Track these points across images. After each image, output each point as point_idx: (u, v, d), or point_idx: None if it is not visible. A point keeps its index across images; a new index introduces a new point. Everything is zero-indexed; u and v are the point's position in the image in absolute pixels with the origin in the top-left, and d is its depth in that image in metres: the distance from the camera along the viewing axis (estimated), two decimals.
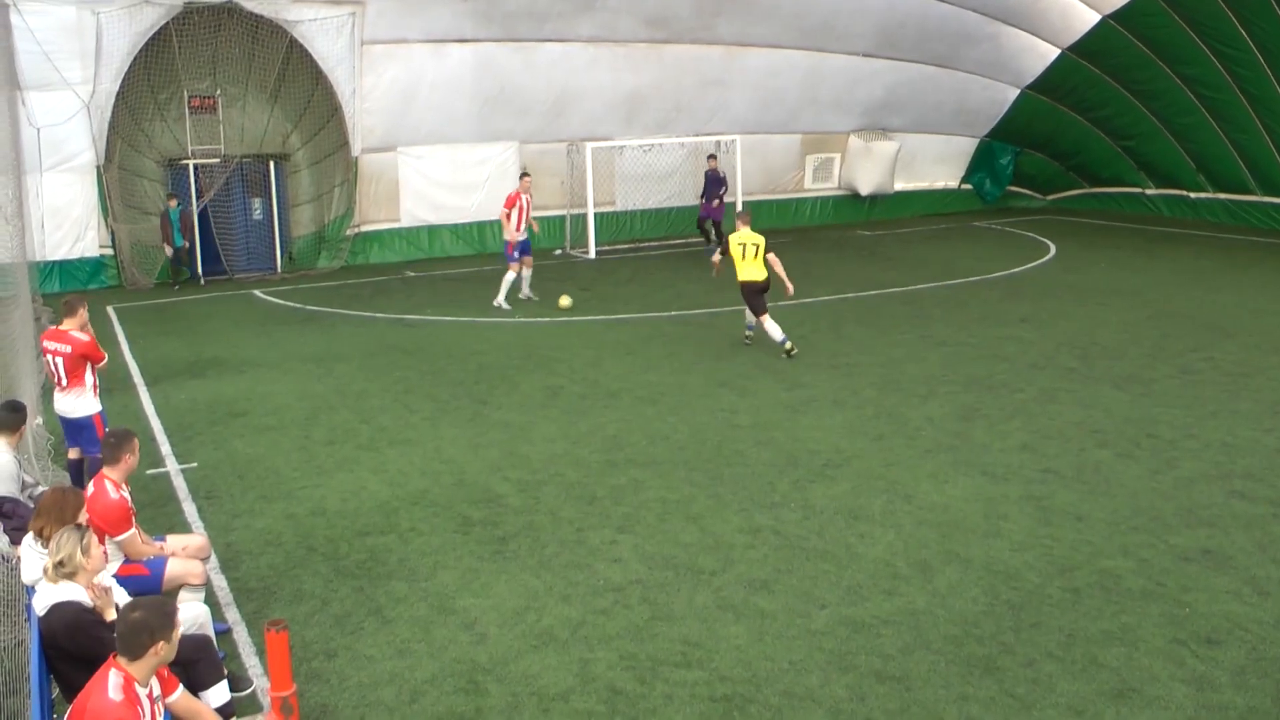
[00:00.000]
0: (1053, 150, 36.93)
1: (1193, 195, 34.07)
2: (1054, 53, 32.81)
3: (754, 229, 18.54)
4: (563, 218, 29.83)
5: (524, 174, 23.75)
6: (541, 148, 29.48)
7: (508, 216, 22.17)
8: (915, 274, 25.55)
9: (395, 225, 28.68)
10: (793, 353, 17.85)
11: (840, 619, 9.14)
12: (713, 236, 28.77)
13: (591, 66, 28.60)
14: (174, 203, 25.91)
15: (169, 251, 26.13)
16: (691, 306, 21.79)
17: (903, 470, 12.75)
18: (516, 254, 22.24)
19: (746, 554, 10.49)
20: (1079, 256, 27.89)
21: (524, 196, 22.20)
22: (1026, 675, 8.30)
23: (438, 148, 28.41)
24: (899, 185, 35.27)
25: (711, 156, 28.92)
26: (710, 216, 28.86)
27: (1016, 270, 25.96)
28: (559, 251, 29.28)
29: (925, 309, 21.80)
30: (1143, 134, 34.01)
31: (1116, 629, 9.02)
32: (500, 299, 22.16)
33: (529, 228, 22.41)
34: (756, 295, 18.08)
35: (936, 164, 36.55)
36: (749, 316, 18.60)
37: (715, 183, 28.61)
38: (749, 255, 17.96)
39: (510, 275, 22.17)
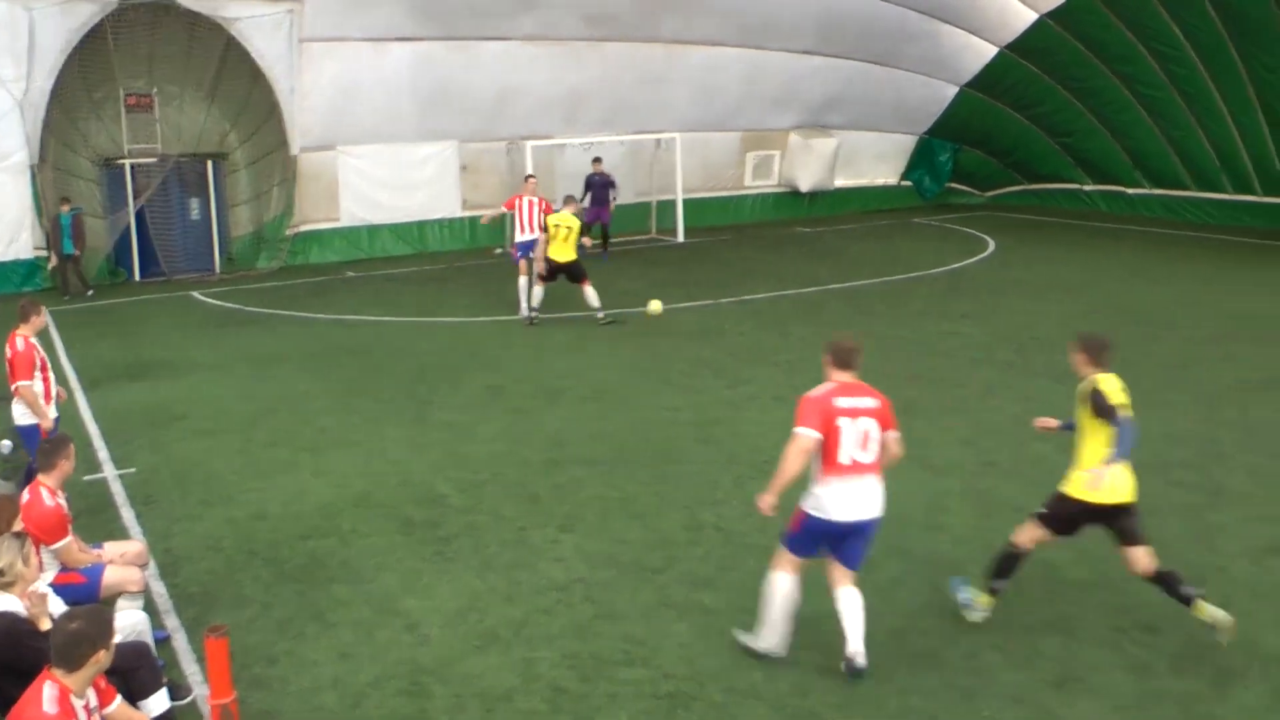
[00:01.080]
0: (991, 147, 37.25)
1: (1130, 191, 34.54)
2: (992, 51, 33.13)
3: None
4: (503, 216, 29.67)
5: (529, 176, 23.55)
6: (482, 146, 29.37)
7: (511, 218, 22.16)
8: (856, 270, 25.70)
9: (335, 225, 28.44)
10: (605, 322, 19.18)
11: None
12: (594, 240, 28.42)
13: (532, 64, 28.49)
14: (66, 207, 24.43)
15: (54, 261, 24.62)
16: (634, 304, 21.76)
17: None
18: (519, 254, 21.94)
19: (689, 551, 10.54)
20: (1018, 252, 28.18)
21: (526, 199, 21.91)
22: (968, 666, 8.42)
23: (378, 147, 28.19)
24: (839, 182, 35.44)
25: (596, 160, 28.64)
26: (599, 220, 28.42)
27: (956, 266, 26.17)
28: (498, 250, 29.14)
29: (866, 305, 21.95)
30: (1080, 131, 34.41)
31: (1057, 619, 9.18)
32: (524, 308, 21.41)
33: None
34: (564, 270, 20.25)
35: (876, 161, 36.77)
36: (534, 298, 20.26)
37: (601, 186, 28.43)
38: (561, 237, 20.04)
39: (523, 280, 21.59)
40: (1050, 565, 10.12)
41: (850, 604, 8.40)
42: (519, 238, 21.95)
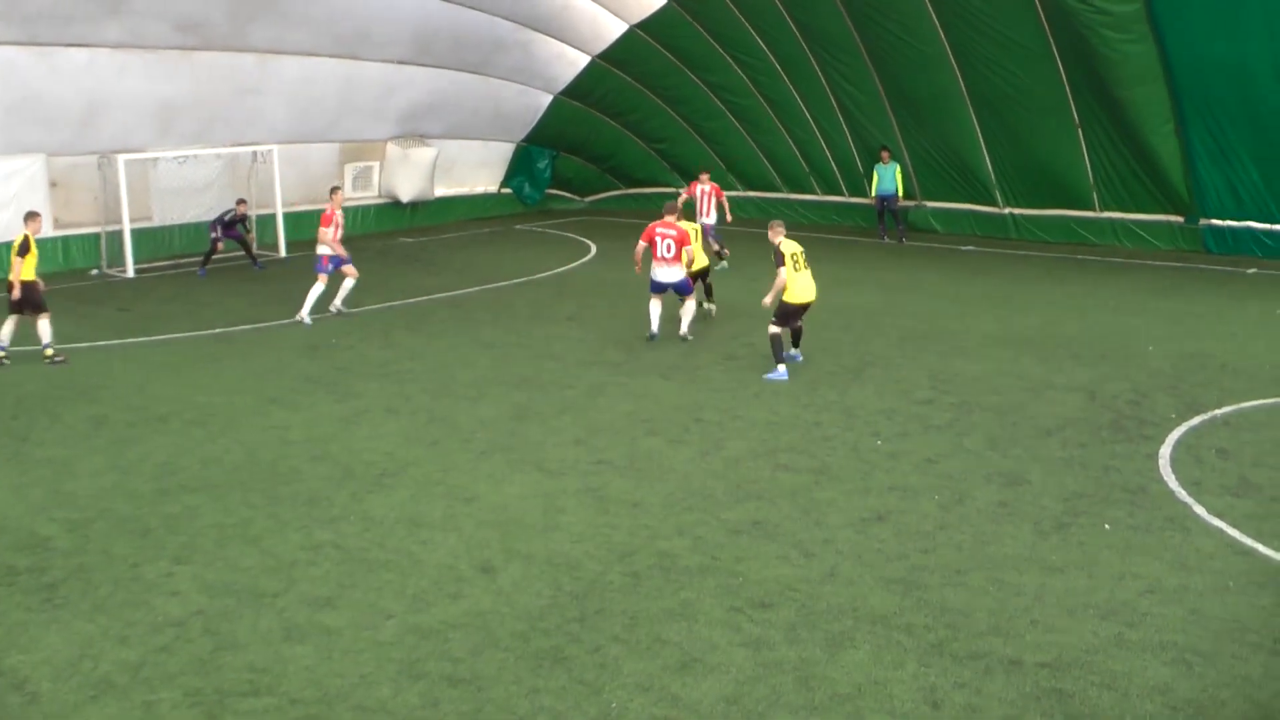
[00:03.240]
0: (589, 153, 38.28)
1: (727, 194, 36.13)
2: (584, 60, 34.10)
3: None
4: (97, 235, 28.33)
5: (335, 188, 23.20)
6: (72, 160, 27.65)
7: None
8: (461, 278, 25.98)
9: None
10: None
11: (408, 627, 9.30)
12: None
13: (122, 74, 27.10)
14: None
15: None
16: (237, 322, 21.32)
17: (460, 474, 13.06)
18: (330, 266, 21.64)
19: (309, 572, 10.47)
20: (620, 255, 29.02)
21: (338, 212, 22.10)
22: (594, 661, 8.72)
23: None
24: (440, 191, 35.57)
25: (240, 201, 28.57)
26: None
27: (560, 270, 26.84)
28: (95, 271, 27.77)
29: (472, 312, 22.24)
30: (673, 137, 35.90)
31: (677, 605, 9.64)
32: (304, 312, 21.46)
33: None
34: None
35: (476, 169, 37.14)
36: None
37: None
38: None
39: (319, 287, 21.55)
40: (668, 555, 10.68)
41: (686, 308, 19.58)
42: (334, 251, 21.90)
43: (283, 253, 29.81)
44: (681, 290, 19.66)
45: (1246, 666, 8.48)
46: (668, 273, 19.46)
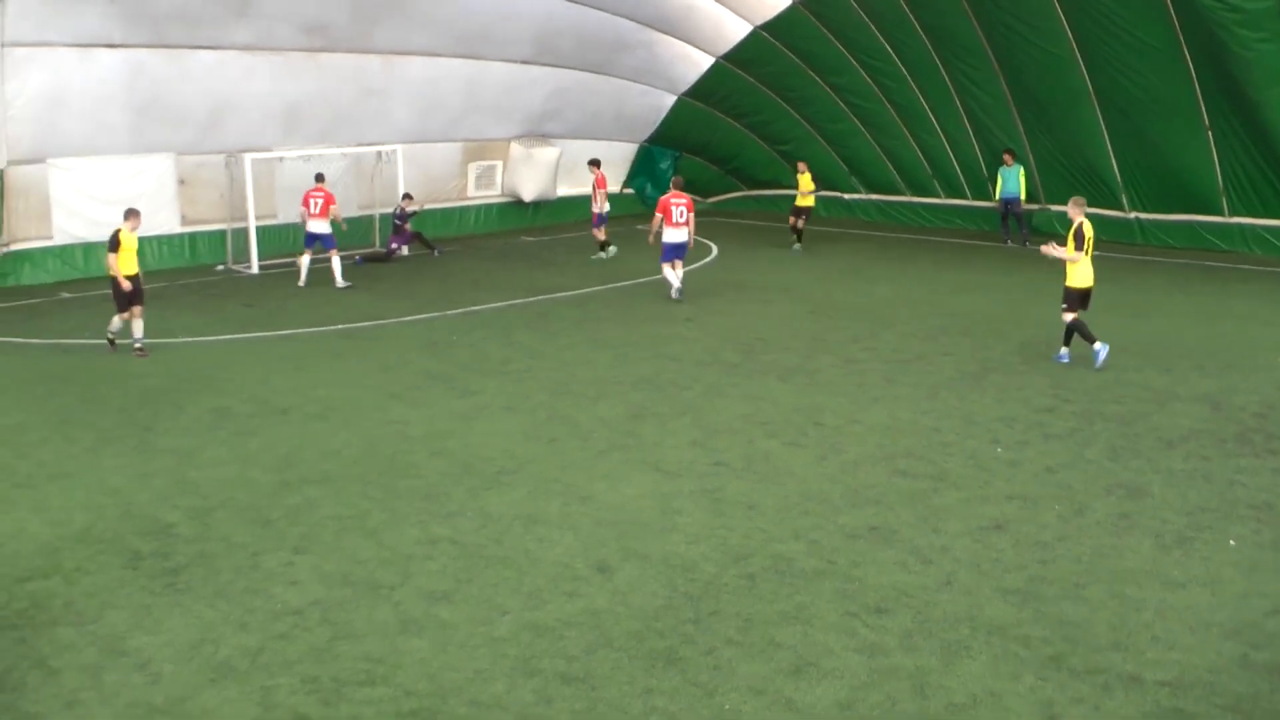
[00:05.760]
0: (711, 155, 38.17)
1: (847, 196, 35.88)
2: (708, 61, 34.02)
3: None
4: (224, 232, 28.97)
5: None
6: (199, 159, 28.38)
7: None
8: (581, 278, 26.08)
9: (48, 243, 27.02)
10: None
11: (523, 624, 9.35)
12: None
13: (248, 75, 27.76)
14: None
15: None
16: (358, 319, 21.63)
17: (577, 472, 13.10)
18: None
19: (425, 566, 10.58)
20: (740, 256, 29.10)
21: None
22: (708, 663, 8.69)
23: (90, 159, 26.92)
24: (562, 191, 35.72)
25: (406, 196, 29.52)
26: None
27: (681, 271, 26.79)
28: (221, 267, 28.39)
29: (593, 312, 22.32)
30: (797, 139, 35.57)
31: (792, 609, 9.58)
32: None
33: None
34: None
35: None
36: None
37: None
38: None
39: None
40: (783, 558, 10.61)
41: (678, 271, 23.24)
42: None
43: (405, 250, 30.14)
44: (682, 255, 23.33)
45: None
46: (680, 234, 23.04)
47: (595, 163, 30.17)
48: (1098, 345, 17.27)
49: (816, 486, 12.53)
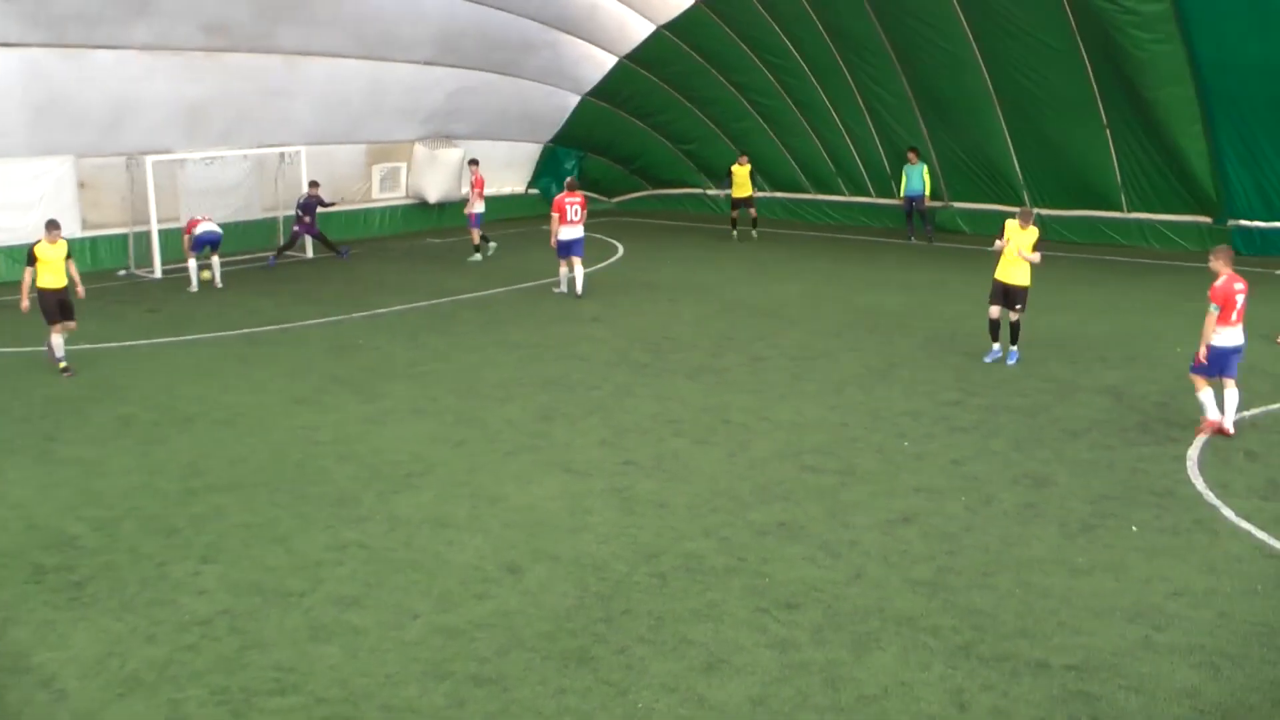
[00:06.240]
0: (615, 154, 38.26)
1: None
2: (612, 60, 34.07)
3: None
4: (125, 236, 28.46)
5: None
6: (100, 161, 27.73)
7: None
8: (488, 279, 26.02)
9: None
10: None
11: (434, 627, 9.34)
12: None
13: (149, 75, 27.18)
14: None
15: None
16: (264, 323, 21.40)
17: (486, 474, 13.09)
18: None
19: (335, 571, 10.52)
20: (647, 255, 29.17)
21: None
22: (620, 661, 8.75)
23: None
24: (466, 191, 35.54)
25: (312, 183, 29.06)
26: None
27: (587, 271, 26.79)
28: (123, 272, 27.90)
29: (499, 313, 22.28)
30: (701, 138, 35.87)
31: (703, 606, 9.66)
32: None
33: None
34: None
35: (503, 170, 37.04)
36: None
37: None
38: None
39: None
40: (694, 556, 10.69)
41: (579, 270, 22.77)
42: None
43: (309, 253, 29.87)
44: (579, 252, 23.33)
45: (1275, 670, 8.44)
46: (576, 231, 23.22)
47: (474, 162, 30.09)
48: (996, 346, 17.75)
49: (726, 484, 12.62)
